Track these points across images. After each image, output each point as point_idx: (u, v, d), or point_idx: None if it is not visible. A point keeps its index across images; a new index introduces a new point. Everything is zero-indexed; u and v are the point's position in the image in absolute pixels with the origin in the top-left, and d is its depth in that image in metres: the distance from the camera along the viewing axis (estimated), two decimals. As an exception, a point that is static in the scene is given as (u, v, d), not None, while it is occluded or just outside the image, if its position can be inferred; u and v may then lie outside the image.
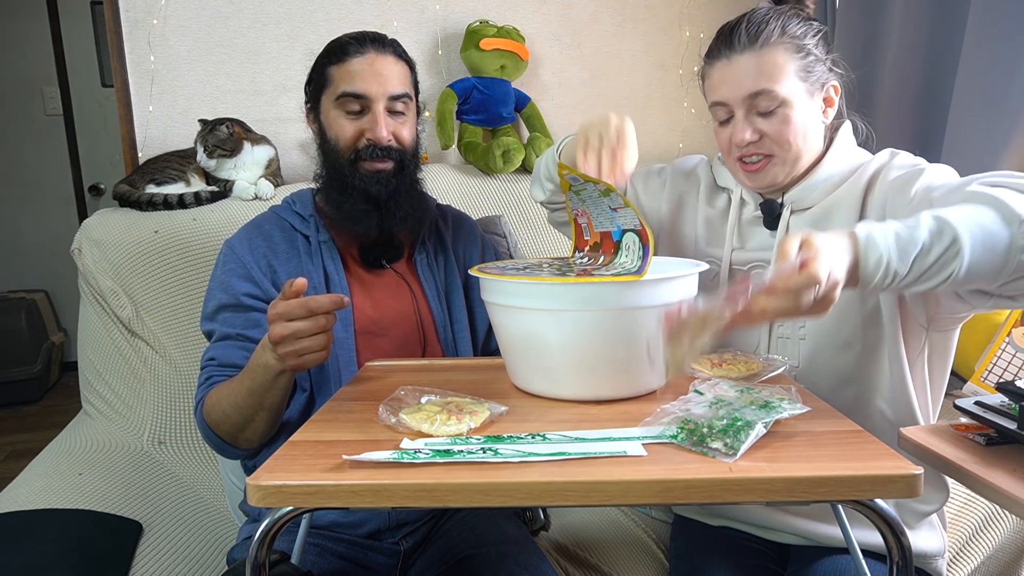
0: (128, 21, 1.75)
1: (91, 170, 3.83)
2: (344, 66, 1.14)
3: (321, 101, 1.19)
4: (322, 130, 1.19)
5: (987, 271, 0.81)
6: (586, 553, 1.32)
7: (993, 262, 0.80)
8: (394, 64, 1.17)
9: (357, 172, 1.16)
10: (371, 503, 0.67)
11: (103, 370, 1.54)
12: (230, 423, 1.06)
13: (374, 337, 1.19)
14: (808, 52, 1.03)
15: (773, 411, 0.76)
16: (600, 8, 2.11)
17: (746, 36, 1.02)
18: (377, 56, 1.15)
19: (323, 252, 1.19)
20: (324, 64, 1.18)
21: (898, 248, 0.79)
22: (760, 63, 1.01)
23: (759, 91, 1.01)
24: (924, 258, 0.80)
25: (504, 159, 1.88)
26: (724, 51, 1.04)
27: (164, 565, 1.19)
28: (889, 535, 0.69)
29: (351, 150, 1.16)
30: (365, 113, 1.15)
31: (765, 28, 1.02)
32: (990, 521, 1.42)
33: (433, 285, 1.24)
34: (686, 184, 1.23)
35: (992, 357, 1.56)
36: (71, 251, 1.56)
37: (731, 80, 1.03)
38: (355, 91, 1.13)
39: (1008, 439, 0.89)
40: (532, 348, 0.91)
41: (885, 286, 0.81)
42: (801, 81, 1.02)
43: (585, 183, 0.94)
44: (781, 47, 1.02)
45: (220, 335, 1.14)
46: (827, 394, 1.01)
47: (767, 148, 1.04)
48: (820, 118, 1.06)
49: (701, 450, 0.72)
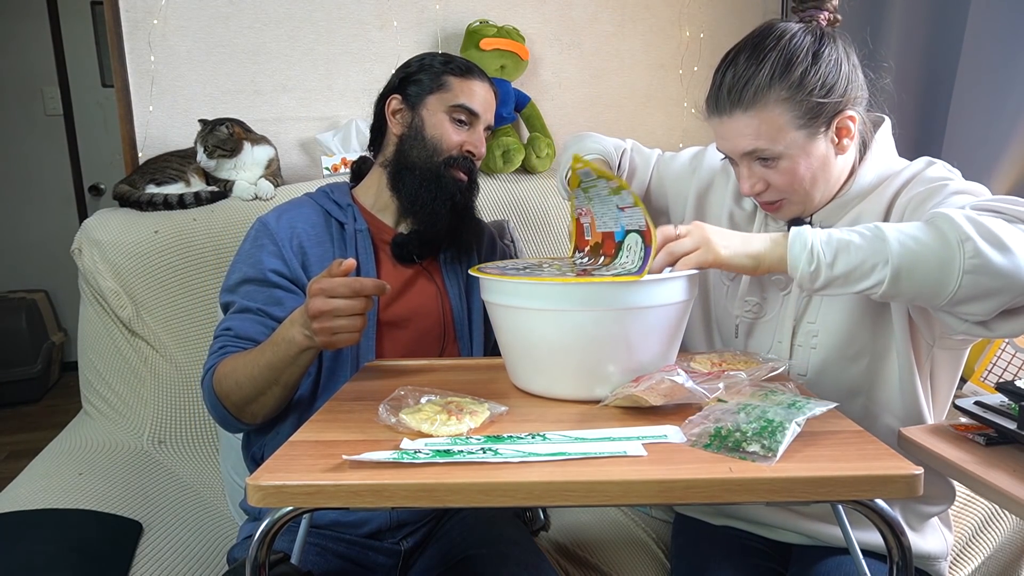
0: (128, 21, 1.75)
1: (91, 170, 3.83)
2: (467, 83, 1.23)
3: (426, 100, 1.23)
4: (418, 125, 1.23)
5: (924, 285, 0.84)
6: (586, 553, 1.32)
7: (928, 276, 0.83)
8: (493, 100, 1.29)
9: (445, 175, 1.22)
10: (371, 503, 0.67)
11: (103, 370, 1.54)
12: (241, 394, 1.07)
13: (395, 328, 1.21)
14: (808, 92, 0.95)
15: (801, 410, 0.75)
16: (600, 8, 2.11)
17: (728, 100, 0.97)
18: (490, 90, 1.27)
19: (358, 241, 1.22)
20: (443, 71, 1.24)
21: (828, 242, 0.86)
22: (748, 123, 0.97)
23: (753, 150, 0.99)
24: (849, 255, 0.85)
25: (504, 159, 1.88)
26: (715, 110, 1.00)
27: (164, 565, 1.19)
28: (889, 535, 0.69)
29: (448, 155, 1.22)
30: (469, 128, 1.24)
31: (751, 85, 0.95)
32: (990, 521, 1.42)
33: (456, 283, 1.27)
34: (718, 177, 1.21)
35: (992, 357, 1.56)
36: (71, 251, 1.55)
37: (728, 137, 1.00)
38: (473, 108, 1.23)
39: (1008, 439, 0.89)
40: (532, 348, 0.91)
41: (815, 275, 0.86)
42: (800, 129, 0.96)
43: (597, 179, 0.94)
44: (772, 101, 0.95)
45: (239, 307, 1.15)
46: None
47: (776, 195, 1.02)
48: (833, 152, 1.00)
49: (739, 455, 0.71)
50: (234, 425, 1.14)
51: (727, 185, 1.18)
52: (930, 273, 0.83)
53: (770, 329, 1.10)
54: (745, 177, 1.02)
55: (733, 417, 0.75)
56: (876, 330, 1.03)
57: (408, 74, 1.26)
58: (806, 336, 1.07)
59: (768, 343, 1.10)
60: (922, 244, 0.83)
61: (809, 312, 1.07)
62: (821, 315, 1.06)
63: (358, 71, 1.93)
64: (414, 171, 1.22)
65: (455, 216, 1.23)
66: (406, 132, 1.24)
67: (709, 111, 1.02)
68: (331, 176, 1.79)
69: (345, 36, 1.90)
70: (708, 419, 0.77)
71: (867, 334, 1.03)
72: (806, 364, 1.07)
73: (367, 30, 1.92)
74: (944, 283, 0.82)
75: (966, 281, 0.81)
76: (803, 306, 1.07)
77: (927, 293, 0.84)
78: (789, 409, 0.76)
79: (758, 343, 1.12)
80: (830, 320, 1.05)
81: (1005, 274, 0.80)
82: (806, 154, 0.98)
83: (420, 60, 1.27)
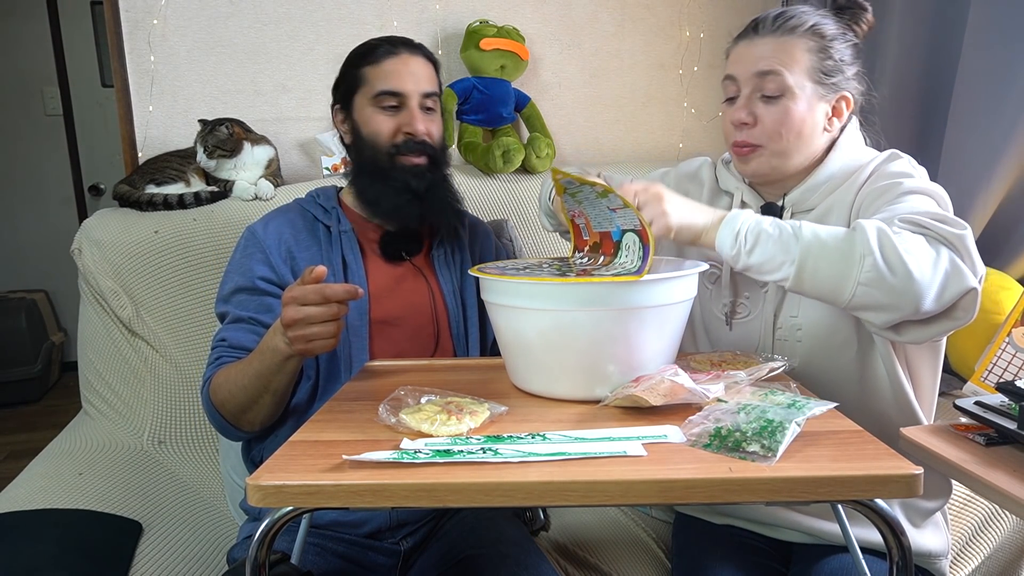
0: (128, 21, 1.75)
1: (91, 170, 3.83)
2: (379, 66, 1.20)
3: (354, 101, 1.22)
4: (355, 128, 1.23)
5: (824, 288, 0.90)
6: (586, 553, 1.32)
7: (827, 281, 0.89)
8: (424, 64, 1.23)
9: (396, 166, 1.20)
10: (371, 503, 0.67)
11: (103, 370, 1.54)
12: (235, 403, 1.08)
13: (388, 327, 1.21)
14: (829, 56, 1.03)
15: (801, 410, 0.76)
16: (600, 8, 2.11)
17: (773, 21, 1.04)
18: (410, 56, 1.21)
19: (343, 241, 1.21)
20: (356, 65, 1.22)
21: (752, 230, 0.92)
22: (777, 47, 1.03)
23: (769, 70, 1.03)
24: (764, 248, 0.91)
25: (504, 159, 1.88)
26: (750, 32, 1.06)
27: (164, 565, 1.19)
28: (889, 535, 0.69)
29: (390, 145, 1.20)
30: (400, 110, 1.20)
31: (794, 18, 1.04)
32: (990, 521, 1.42)
33: (449, 281, 1.27)
34: (690, 185, 1.24)
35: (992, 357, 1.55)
36: (71, 251, 1.55)
37: (746, 58, 1.06)
38: (392, 88, 1.18)
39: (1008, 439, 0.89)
40: (532, 348, 0.91)
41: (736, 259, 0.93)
42: (812, 81, 1.03)
43: (581, 186, 0.94)
44: (803, 40, 1.03)
45: (233, 317, 1.16)
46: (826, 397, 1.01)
47: (757, 138, 1.05)
48: (823, 123, 1.06)
49: (739, 455, 0.71)
50: (233, 433, 1.15)
51: (701, 191, 1.21)
52: (829, 278, 0.89)
53: (755, 326, 1.11)
54: (742, 105, 1.06)
55: (733, 417, 0.75)
56: (858, 322, 1.04)
57: (336, 83, 1.26)
58: (790, 330, 1.08)
59: (755, 340, 1.11)
60: (828, 250, 0.89)
61: (790, 306, 1.08)
62: (802, 309, 1.07)
63: (358, 71, 1.92)
64: (367, 173, 1.22)
65: (420, 202, 1.20)
66: (354, 139, 1.24)
67: (740, 37, 1.08)
68: (331, 176, 1.79)
69: (345, 36, 1.90)
70: (708, 419, 0.77)
71: (850, 325, 1.05)
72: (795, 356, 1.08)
73: (367, 30, 1.92)
74: (841, 290, 0.88)
75: (859, 292, 0.87)
76: (781, 300, 1.09)
77: (828, 297, 0.90)
78: (789, 409, 0.76)
79: (745, 341, 1.13)
80: (811, 313, 1.06)
81: (897, 292, 0.86)
82: (807, 105, 1.03)
83: (345, 61, 1.25)
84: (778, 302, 1.09)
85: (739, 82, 1.06)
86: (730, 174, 1.17)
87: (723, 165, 1.19)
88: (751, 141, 1.06)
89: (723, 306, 1.14)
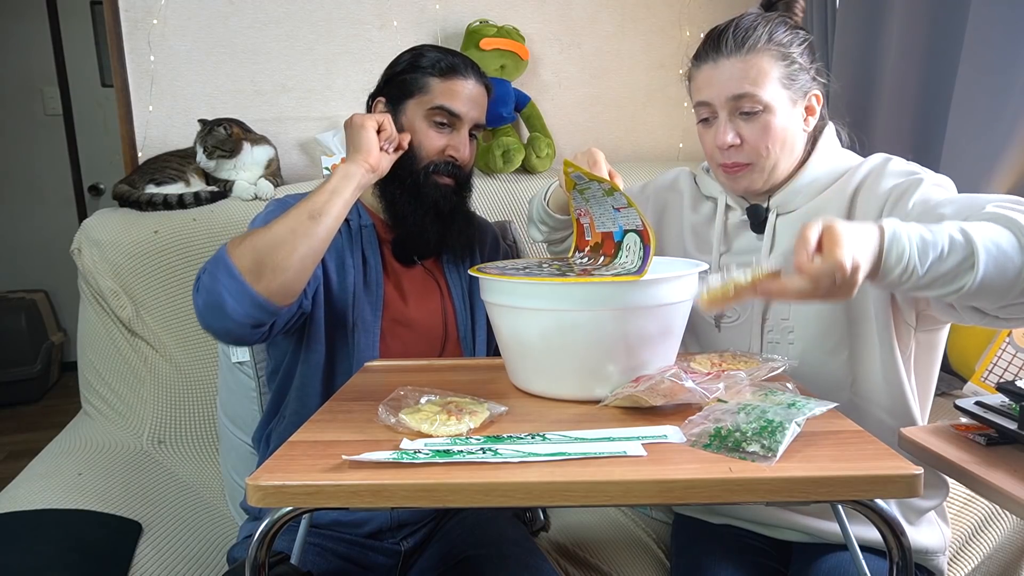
0: (128, 21, 1.75)
1: (91, 170, 3.83)
2: (448, 82, 1.18)
3: (407, 103, 1.20)
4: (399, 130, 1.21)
5: (996, 291, 0.82)
6: (586, 553, 1.32)
7: (1003, 283, 0.81)
8: (484, 96, 1.23)
9: (428, 182, 1.19)
10: (371, 503, 0.67)
11: (103, 370, 1.54)
12: (265, 241, 0.99)
13: (400, 326, 1.21)
14: (792, 60, 1.04)
15: (800, 410, 0.76)
16: (600, 8, 2.11)
17: (733, 41, 1.03)
18: (476, 85, 1.21)
19: (363, 237, 1.21)
20: (423, 71, 1.19)
21: (920, 248, 0.80)
22: (745, 67, 1.02)
23: (742, 94, 1.02)
24: (941, 264, 0.80)
25: (504, 159, 1.88)
26: (711, 54, 1.05)
27: (164, 565, 1.19)
28: (889, 535, 0.69)
29: (429, 161, 1.19)
30: (451, 130, 1.20)
31: (752, 34, 1.03)
32: (990, 521, 1.42)
33: (459, 283, 1.27)
34: (669, 195, 1.25)
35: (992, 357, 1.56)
36: (71, 251, 1.55)
37: (716, 82, 1.04)
38: (453, 108, 1.18)
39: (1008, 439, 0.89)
40: (532, 348, 0.91)
41: (902, 283, 0.81)
42: (784, 88, 1.03)
43: (589, 182, 0.94)
44: (767, 54, 1.03)
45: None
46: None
47: (745, 156, 1.05)
48: (801, 126, 1.07)
49: (739, 455, 0.71)
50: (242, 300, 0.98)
51: (681, 199, 1.22)
52: (1006, 280, 0.81)
53: (745, 329, 1.12)
54: (723, 126, 1.05)
55: (733, 417, 0.75)
56: (852, 321, 1.05)
57: (393, 75, 1.23)
58: (782, 333, 1.09)
59: (744, 343, 1.12)
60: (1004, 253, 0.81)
61: (780, 308, 1.09)
62: (793, 311, 1.08)
63: (358, 71, 1.93)
64: (396, 180, 1.19)
65: (441, 223, 1.21)
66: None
67: (702, 57, 1.07)
68: (331, 176, 1.79)
69: (345, 36, 1.90)
70: (708, 419, 0.77)
71: (843, 326, 1.05)
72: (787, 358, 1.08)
73: (367, 30, 1.92)
74: (1010, 290, 0.82)
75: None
76: (766, 302, 1.09)
77: (993, 297, 0.83)
78: (789, 409, 0.76)
79: (734, 344, 1.13)
80: (803, 315, 1.07)
81: None
82: (783, 113, 1.03)
83: (406, 58, 1.23)
84: (766, 304, 1.10)
85: (714, 106, 1.06)
86: (711, 179, 1.18)
87: (703, 171, 1.20)
88: (740, 161, 1.06)
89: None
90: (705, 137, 1.10)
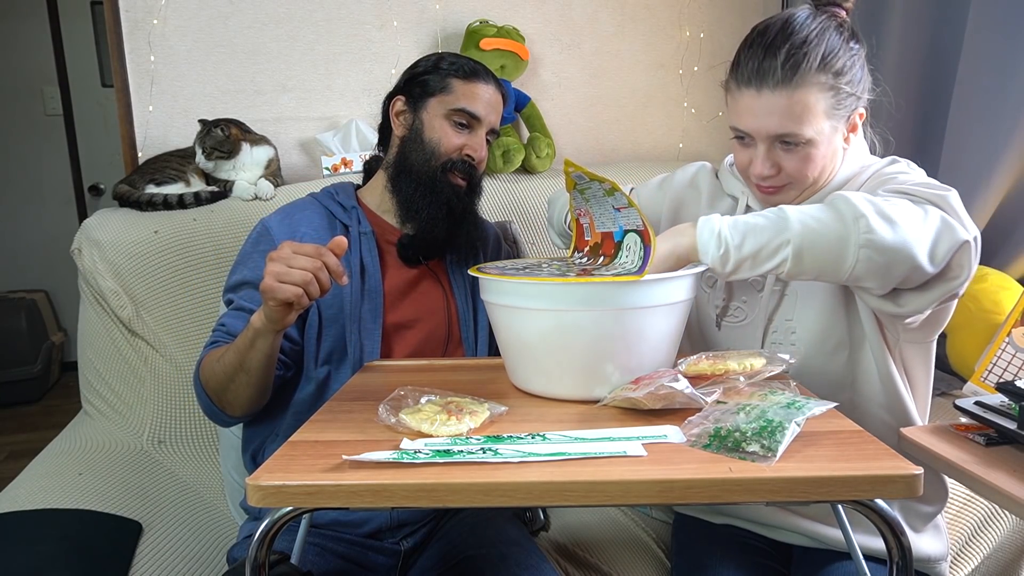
0: (128, 21, 1.75)
1: (91, 170, 3.83)
2: (471, 85, 1.22)
3: (428, 102, 1.23)
4: (417, 127, 1.23)
5: (826, 262, 0.88)
6: (586, 553, 1.32)
7: (828, 253, 0.88)
8: (501, 105, 1.27)
9: (443, 180, 1.22)
10: (371, 503, 0.67)
11: (103, 370, 1.54)
12: (216, 381, 1.08)
13: (403, 329, 1.21)
14: (840, 89, 0.98)
15: (800, 410, 0.75)
16: (600, 8, 2.11)
17: (781, 72, 0.96)
18: (495, 93, 1.26)
19: (362, 244, 1.22)
20: (447, 73, 1.23)
21: (734, 226, 0.90)
22: (790, 104, 0.96)
23: (786, 134, 0.98)
24: (756, 236, 0.89)
25: (504, 159, 1.88)
26: (755, 82, 0.98)
27: (164, 565, 1.19)
28: (889, 535, 0.69)
29: (447, 158, 1.22)
30: (469, 131, 1.23)
31: (803, 61, 0.95)
32: (990, 521, 1.42)
33: (463, 284, 1.28)
34: (687, 191, 1.23)
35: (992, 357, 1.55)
36: (71, 251, 1.55)
37: (758, 114, 0.99)
38: (474, 111, 1.22)
39: (1008, 439, 0.89)
40: (532, 348, 0.91)
41: (726, 259, 0.89)
42: (828, 118, 0.99)
43: (590, 182, 0.94)
44: (815, 86, 0.96)
45: (236, 306, 1.16)
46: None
47: (783, 180, 1.03)
48: (842, 144, 1.04)
49: (738, 455, 0.71)
50: (219, 416, 1.13)
51: (699, 196, 1.21)
52: (829, 249, 0.87)
53: (750, 329, 1.11)
54: (761, 159, 1.02)
55: (733, 417, 0.75)
56: (850, 323, 1.05)
57: (414, 75, 1.26)
58: (785, 333, 1.08)
59: (748, 343, 1.11)
60: (821, 222, 0.88)
61: (785, 309, 1.08)
62: (797, 311, 1.07)
63: (358, 71, 1.93)
64: (412, 175, 1.22)
65: (452, 221, 1.23)
66: (407, 134, 1.24)
67: (743, 83, 0.99)
68: (331, 176, 1.79)
69: (345, 36, 1.90)
70: (708, 419, 0.77)
71: (842, 327, 1.05)
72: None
73: (367, 30, 1.92)
74: (842, 258, 0.87)
75: (862, 256, 0.86)
76: (776, 303, 1.09)
77: (829, 270, 0.89)
78: (788, 409, 0.76)
79: (736, 344, 1.13)
80: (806, 316, 1.06)
81: (895, 248, 0.86)
82: (827, 143, 1.01)
83: (428, 61, 1.26)
84: (774, 305, 1.09)
85: (754, 138, 1.02)
86: (735, 178, 1.16)
87: (727, 169, 1.18)
88: (779, 183, 1.04)
89: (715, 307, 1.14)
90: (740, 155, 1.06)
